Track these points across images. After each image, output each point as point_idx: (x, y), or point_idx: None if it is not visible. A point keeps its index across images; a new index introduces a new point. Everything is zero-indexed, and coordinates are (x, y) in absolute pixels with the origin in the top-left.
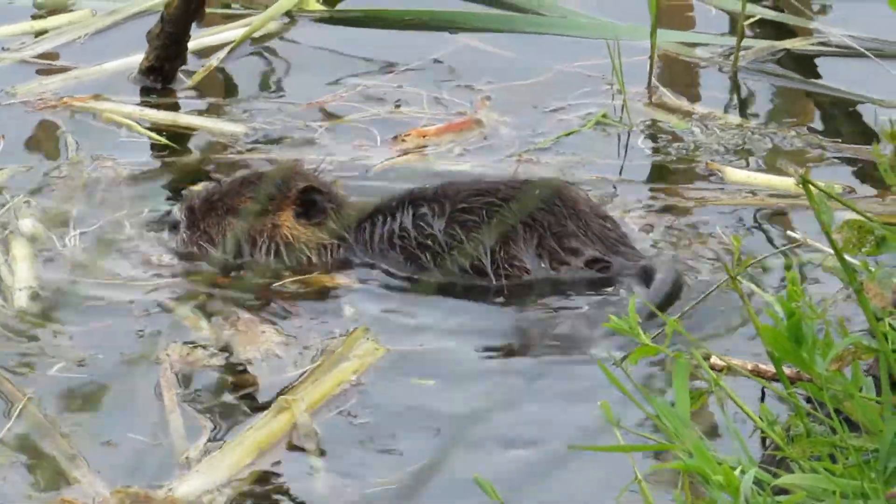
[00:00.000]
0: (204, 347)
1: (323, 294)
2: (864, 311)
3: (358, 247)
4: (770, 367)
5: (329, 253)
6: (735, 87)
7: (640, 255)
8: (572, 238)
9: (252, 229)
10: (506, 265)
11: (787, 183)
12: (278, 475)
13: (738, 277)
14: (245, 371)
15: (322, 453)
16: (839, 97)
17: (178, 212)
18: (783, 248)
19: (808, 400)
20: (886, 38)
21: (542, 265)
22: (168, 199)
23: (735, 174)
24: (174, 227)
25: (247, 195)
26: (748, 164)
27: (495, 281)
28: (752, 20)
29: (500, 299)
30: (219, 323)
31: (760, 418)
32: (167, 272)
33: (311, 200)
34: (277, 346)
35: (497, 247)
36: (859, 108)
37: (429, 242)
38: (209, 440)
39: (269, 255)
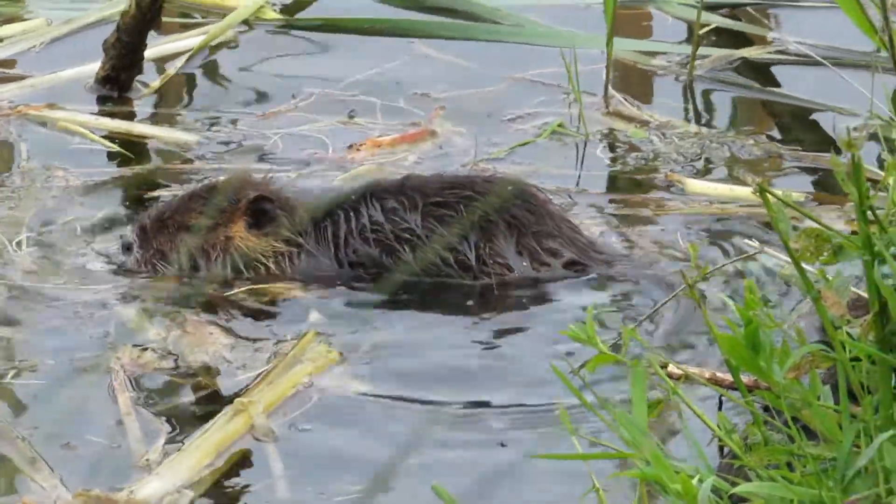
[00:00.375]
0: (154, 350)
1: (272, 298)
2: (822, 320)
3: (320, 248)
4: (728, 376)
5: (287, 260)
6: (691, 95)
7: (611, 260)
8: (550, 239)
9: (205, 244)
10: (489, 262)
11: (747, 192)
12: (238, 476)
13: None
14: (196, 374)
15: (280, 455)
16: (797, 106)
17: (130, 233)
18: (739, 257)
19: (766, 408)
20: (843, 46)
21: (524, 264)
22: (124, 205)
23: (695, 185)
24: (128, 248)
25: (197, 210)
26: (707, 174)
27: (477, 278)
28: (708, 28)
29: (465, 298)
30: (167, 326)
31: (718, 426)
32: (115, 277)
33: (262, 209)
34: (226, 348)
35: (482, 242)
36: (817, 116)
37: (406, 235)
38: (167, 442)
39: (225, 269)
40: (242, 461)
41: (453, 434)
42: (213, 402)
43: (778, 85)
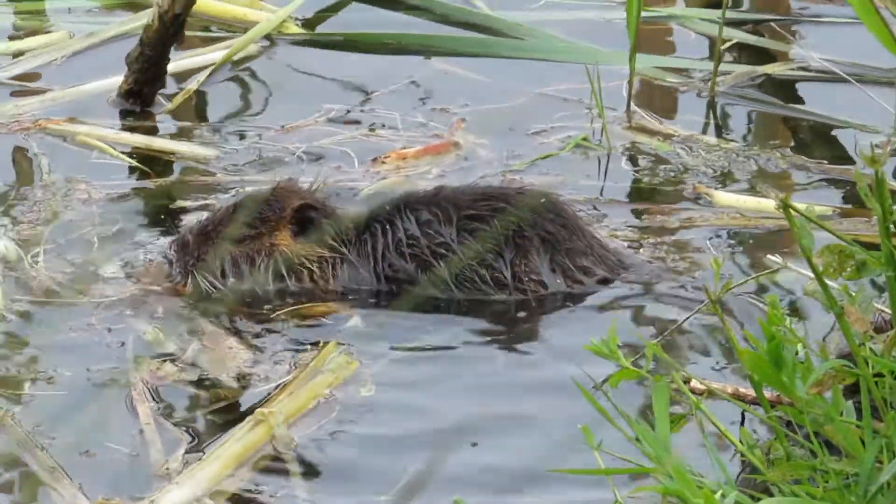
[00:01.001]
0: (172, 362)
1: (304, 314)
2: (845, 335)
3: (360, 259)
4: (750, 391)
5: (330, 267)
6: (713, 111)
7: (638, 275)
8: (582, 256)
9: (251, 251)
10: (524, 279)
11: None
12: (258, 487)
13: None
14: (215, 385)
15: (301, 465)
16: (818, 122)
17: (173, 246)
18: (762, 272)
19: (789, 423)
20: (865, 62)
21: (557, 281)
22: (144, 218)
23: (724, 197)
24: (171, 262)
25: (241, 220)
26: (734, 187)
27: (512, 294)
28: (730, 44)
29: (495, 314)
30: (187, 338)
31: (740, 441)
32: (135, 289)
33: (308, 218)
34: (246, 360)
35: (517, 259)
36: (838, 133)
37: (442, 251)
38: (187, 452)
39: (268, 275)
40: (263, 471)
41: (476, 447)
42: (233, 413)
43: (800, 101)
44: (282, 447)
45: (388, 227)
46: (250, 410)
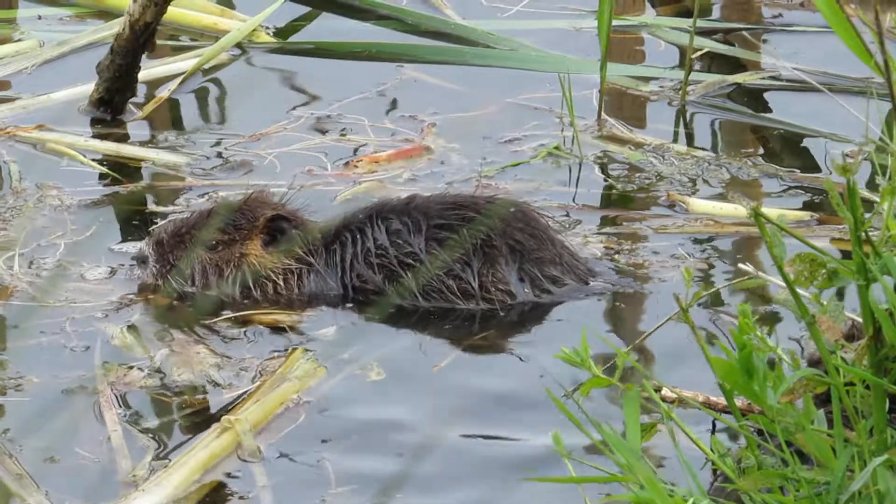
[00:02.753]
0: (140, 368)
1: (262, 323)
2: (817, 344)
3: (328, 269)
4: (722, 399)
5: (296, 279)
6: (683, 120)
7: (608, 287)
8: (551, 265)
9: (220, 260)
10: (491, 289)
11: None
12: (225, 494)
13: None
14: (183, 392)
15: (267, 472)
16: (788, 131)
17: (145, 247)
18: (733, 281)
19: (760, 432)
20: (836, 71)
21: (525, 290)
22: (115, 224)
23: (698, 204)
24: (143, 261)
25: (214, 226)
26: (707, 194)
27: (479, 304)
28: (700, 53)
29: (463, 322)
30: (154, 344)
31: (711, 450)
32: (105, 295)
33: (280, 228)
34: (213, 366)
35: (484, 269)
36: (808, 142)
37: (410, 261)
38: (153, 459)
39: (235, 285)
40: (229, 478)
41: (444, 455)
42: (200, 420)
43: (770, 110)
44: (248, 454)
45: (357, 236)
46: (217, 417)
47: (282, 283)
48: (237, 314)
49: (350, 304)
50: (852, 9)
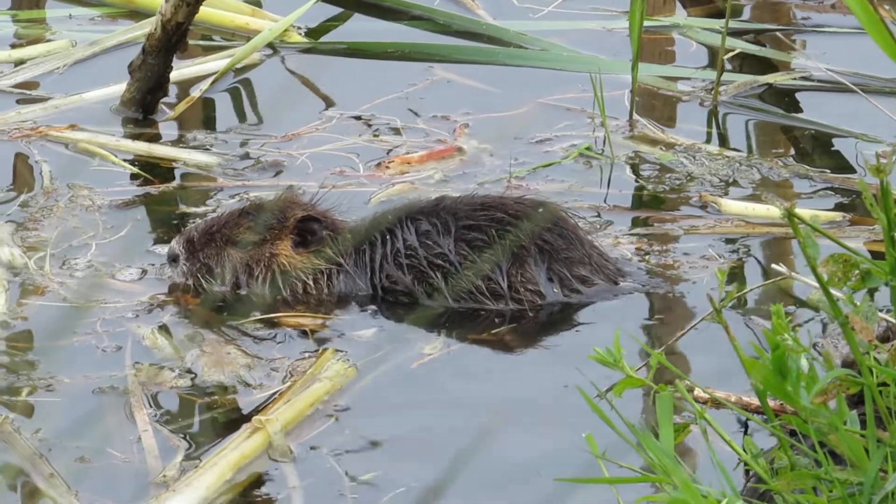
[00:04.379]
0: (171, 369)
1: (292, 325)
2: (850, 345)
3: (358, 270)
4: (754, 400)
5: (326, 279)
6: (715, 120)
7: (637, 287)
8: (580, 265)
9: (250, 260)
10: (521, 289)
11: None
12: (255, 494)
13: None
14: (213, 392)
15: (298, 473)
16: (820, 132)
17: (176, 245)
18: (767, 282)
19: (793, 433)
20: (867, 72)
21: (555, 290)
22: (147, 224)
23: (731, 205)
24: (174, 260)
25: (245, 226)
26: (739, 195)
27: (508, 304)
28: (732, 54)
29: (495, 323)
30: (185, 344)
31: (744, 450)
32: (136, 295)
33: (310, 229)
34: (244, 367)
35: (513, 269)
36: (839, 142)
37: (439, 262)
38: (184, 459)
39: (264, 285)
40: (260, 479)
41: (477, 458)
42: (230, 421)
43: (801, 111)
44: (279, 455)
45: (388, 237)
46: (248, 418)
47: (311, 283)
48: (268, 315)
49: (380, 305)
50: (886, 10)
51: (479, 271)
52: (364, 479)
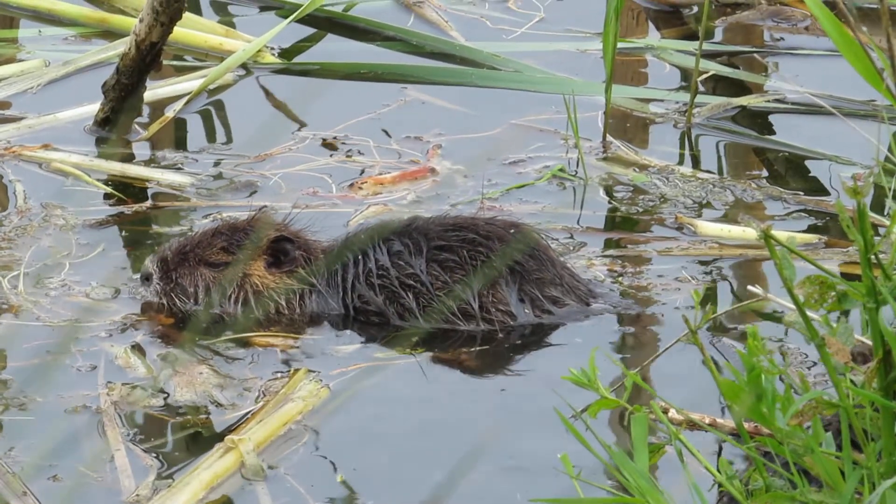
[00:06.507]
0: (144, 388)
1: (262, 344)
2: (826, 366)
3: (330, 290)
4: (729, 421)
5: (298, 299)
6: (689, 142)
7: (609, 308)
8: (552, 286)
9: (223, 279)
10: (492, 309)
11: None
12: None
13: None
14: (186, 412)
15: (270, 492)
16: (793, 153)
17: (150, 264)
18: (743, 303)
19: (767, 454)
20: (840, 94)
21: (525, 311)
22: (120, 244)
23: (707, 227)
24: (147, 279)
25: (218, 246)
26: (712, 216)
27: (481, 325)
28: (705, 76)
29: (466, 343)
30: (158, 364)
31: (719, 471)
32: (108, 315)
33: (283, 249)
34: (216, 387)
35: (485, 290)
36: (812, 164)
37: (411, 282)
38: (157, 478)
39: (237, 305)
40: (232, 498)
41: (447, 479)
42: (203, 440)
43: (775, 133)
44: (252, 474)
45: (360, 257)
46: (220, 437)
47: (284, 303)
48: (240, 335)
49: (352, 325)
50: (863, 33)
51: (450, 292)
52: (336, 498)
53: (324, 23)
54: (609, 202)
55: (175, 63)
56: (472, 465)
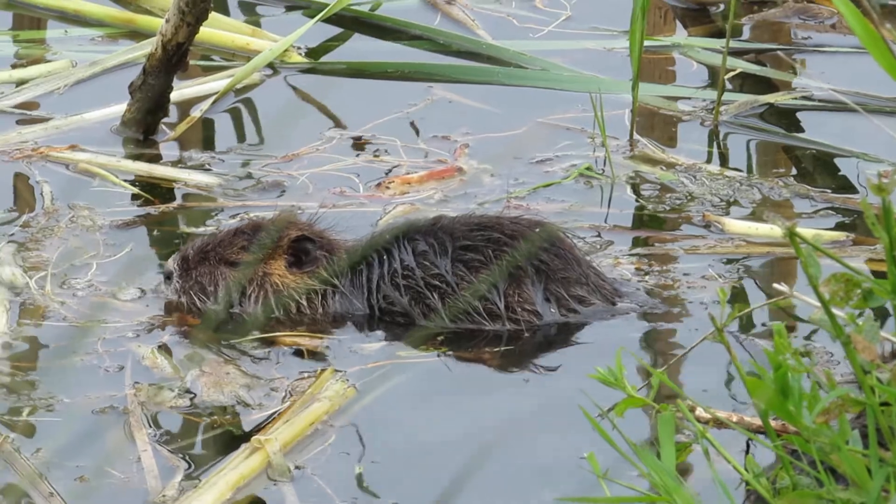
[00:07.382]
0: (170, 389)
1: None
2: (852, 364)
3: (354, 290)
4: (756, 419)
5: (321, 299)
6: (716, 140)
7: (635, 307)
8: (577, 285)
9: (243, 279)
10: (518, 309)
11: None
12: None
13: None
14: (212, 412)
15: (297, 493)
16: (820, 151)
17: (171, 262)
18: (768, 301)
19: (794, 452)
20: (867, 91)
21: (551, 311)
22: (147, 245)
23: (734, 225)
24: (168, 277)
25: (240, 245)
26: (740, 214)
27: (506, 325)
28: (732, 74)
29: (493, 343)
30: (184, 364)
31: (746, 470)
32: (136, 315)
33: (304, 249)
34: (243, 387)
35: (510, 290)
36: (840, 162)
37: (436, 282)
38: (183, 479)
39: (257, 304)
40: (258, 499)
41: (476, 478)
42: (229, 440)
43: (802, 130)
44: (278, 475)
45: (384, 257)
46: (247, 437)
47: (305, 303)
48: (267, 335)
49: (378, 325)
50: (888, 30)
51: (476, 292)
52: (363, 498)
53: (350, 22)
54: (636, 200)
55: (202, 63)
56: (496, 462)
